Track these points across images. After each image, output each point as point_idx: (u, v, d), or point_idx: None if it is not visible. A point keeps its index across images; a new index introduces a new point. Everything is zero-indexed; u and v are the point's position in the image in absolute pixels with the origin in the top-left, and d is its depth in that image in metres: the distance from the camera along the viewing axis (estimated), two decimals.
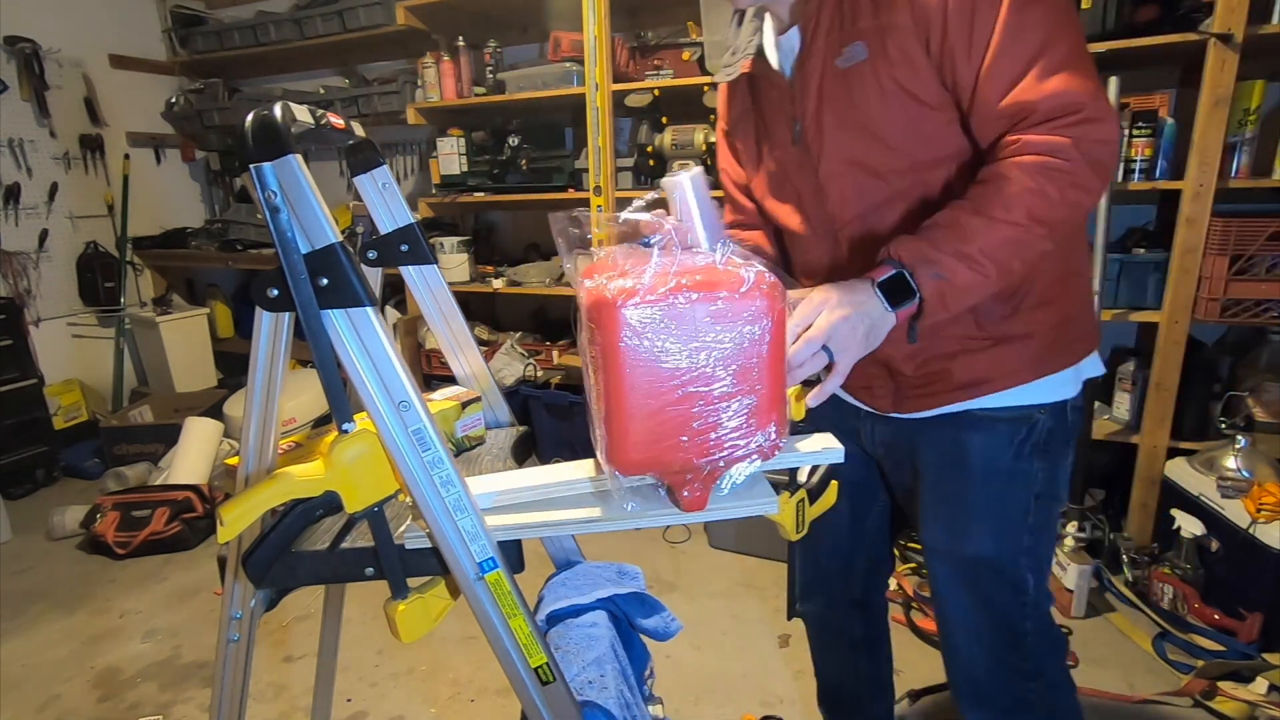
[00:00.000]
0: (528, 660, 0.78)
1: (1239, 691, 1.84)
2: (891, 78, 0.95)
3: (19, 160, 3.73)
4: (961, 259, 0.88)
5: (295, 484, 0.71)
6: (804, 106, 1.04)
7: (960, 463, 1.10)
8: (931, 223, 0.92)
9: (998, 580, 1.12)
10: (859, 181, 1.03)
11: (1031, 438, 1.06)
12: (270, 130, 0.67)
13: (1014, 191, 0.88)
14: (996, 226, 0.88)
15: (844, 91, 0.99)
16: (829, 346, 0.87)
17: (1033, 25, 0.88)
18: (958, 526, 1.12)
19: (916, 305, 0.90)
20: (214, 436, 3.36)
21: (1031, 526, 1.10)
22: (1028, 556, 1.12)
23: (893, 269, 0.90)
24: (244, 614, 0.83)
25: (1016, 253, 0.90)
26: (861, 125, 0.99)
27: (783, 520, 0.88)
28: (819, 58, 1.00)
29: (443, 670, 2.16)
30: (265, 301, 0.71)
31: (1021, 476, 1.08)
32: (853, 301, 0.89)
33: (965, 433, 1.08)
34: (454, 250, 3.34)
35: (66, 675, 2.22)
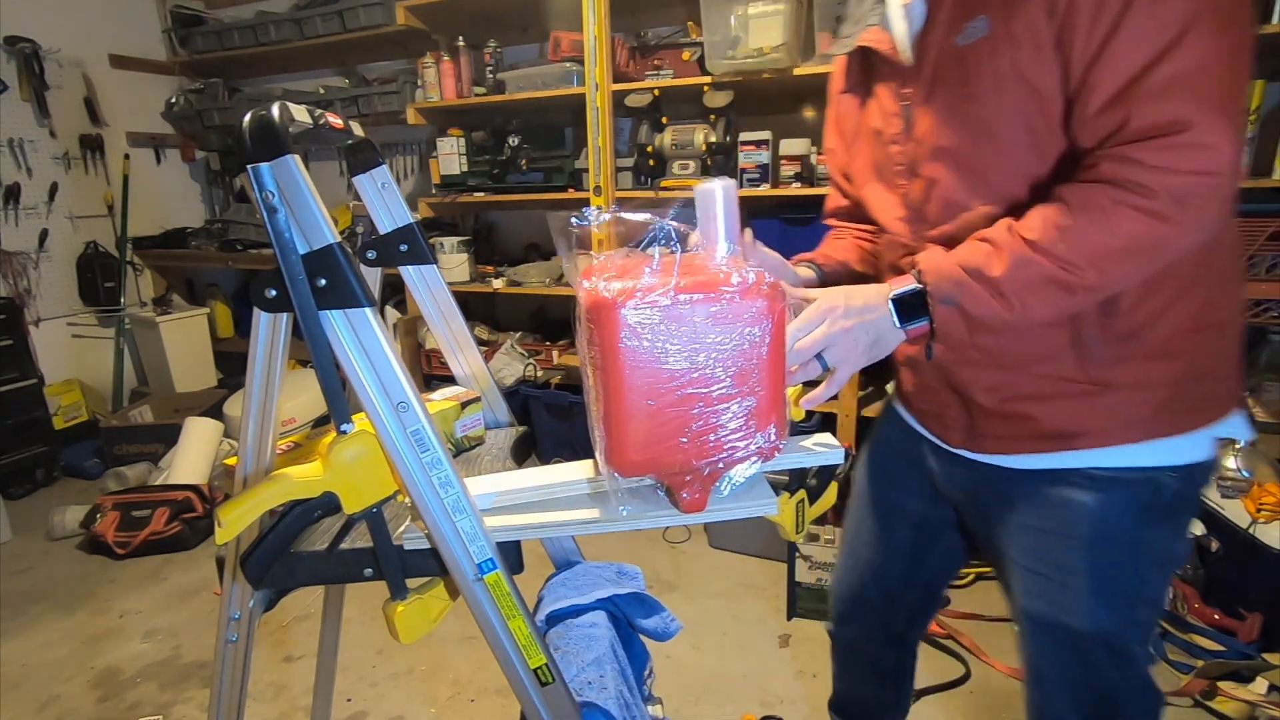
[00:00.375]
0: (527, 661, 0.78)
1: (1239, 691, 1.84)
2: (1011, 60, 0.83)
3: (19, 160, 3.72)
4: (987, 288, 0.81)
5: (294, 485, 0.71)
6: (917, 89, 0.94)
7: (1070, 529, 0.95)
8: (975, 237, 0.85)
9: (1107, 654, 0.98)
10: (959, 181, 0.92)
11: (1158, 502, 0.92)
12: (268, 130, 0.66)
13: (1070, 223, 0.78)
14: (1036, 261, 0.79)
15: (959, 73, 0.88)
16: (824, 356, 0.85)
17: (1168, 13, 0.73)
18: (1064, 599, 0.98)
19: (928, 326, 0.86)
20: (214, 436, 3.36)
21: (1149, 598, 0.99)
22: (1141, 628, 1.00)
23: (914, 283, 0.86)
24: (242, 614, 0.83)
25: (1054, 296, 0.80)
26: (970, 115, 0.89)
27: (782, 521, 0.88)
28: (940, 33, 0.90)
29: (443, 670, 2.15)
30: (263, 302, 0.71)
31: (1142, 546, 0.95)
32: (860, 312, 0.85)
33: (1076, 493, 0.94)
34: (454, 250, 3.34)
35: (66, 675, 2.22)
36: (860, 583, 1.30)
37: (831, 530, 2.25)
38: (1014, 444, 0.98)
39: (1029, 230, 0.80)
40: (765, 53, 2.52)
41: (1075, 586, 0.96)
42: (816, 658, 2.12)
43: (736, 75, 2.63)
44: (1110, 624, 0.97)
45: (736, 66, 2.61)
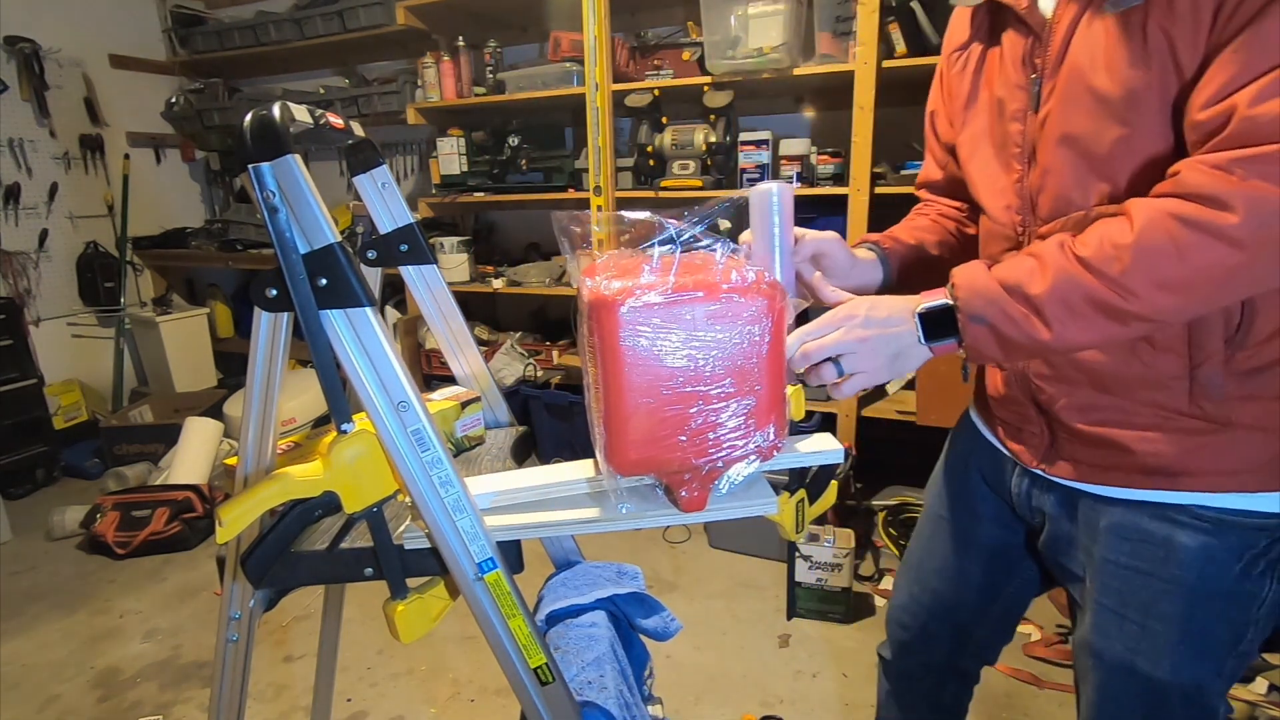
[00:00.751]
0: (527, 661, 0.78)
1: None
2: (1165, 34, 0.71)
3: (19, 160, 3.73)
4: (1025, 306, 0.74)
5: (294, 484, 0.71)
6: (1050, 59, 0.83)
7: (1165, 569, 0.85)
8: (1024, 251, 0.78)
9: (1184, 706, 0.89)
10: (1077, 174, 0.82)
11: (1270, 553, 0.82)
12: (269, 130, 0.66)
13: (1131, 241, 0.69)
14: (1084, 282, 0.71)
15: (1099, 42, 0.77)
16: (840, 363, 0.80)
17: None
18: (1147, 645, 0.88)
19: (957, 344, 0.79)
20: (214, 436, 3.36)
21: (1241, 652, 0.88)
22: (1227, 681, 0.90)
23: (945, 297, 0.79)
24: (243, 614, 0.83)
25: (1101, 323, 0.72)
26: (1105, 94, 0.77)
27: (782, 520, 0.87)
28: (1079, 3, 0.79)
29: (443, 670, 2.16)
30: (264, 302, 0.71)
31: (1245, 598, 0.84)
32: (881, 324, 0.80)
33: (1177, 532, 0.84)
34: (454, 250, 3.34)
35: (66, 675, 2.22)
36: (929, 614, 1.19)
37: (831, 530, 2.25)
38: (1098, 473, 0.89)
39: (1083, 246, 0.72)
40: (765, 53, 2.52)
41: (1163, 634, 0.87)
42: (816, 658, 2.12)
43: (736, 75, 2.63)
44: (1195, 676, 0.88)
45: (736, 66, 2.61)
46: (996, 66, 0.92)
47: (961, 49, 0.99)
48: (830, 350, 0.80)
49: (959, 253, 1.07)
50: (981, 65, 0.95)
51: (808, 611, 2.30)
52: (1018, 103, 0.88)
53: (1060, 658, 2.05)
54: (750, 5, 2.52)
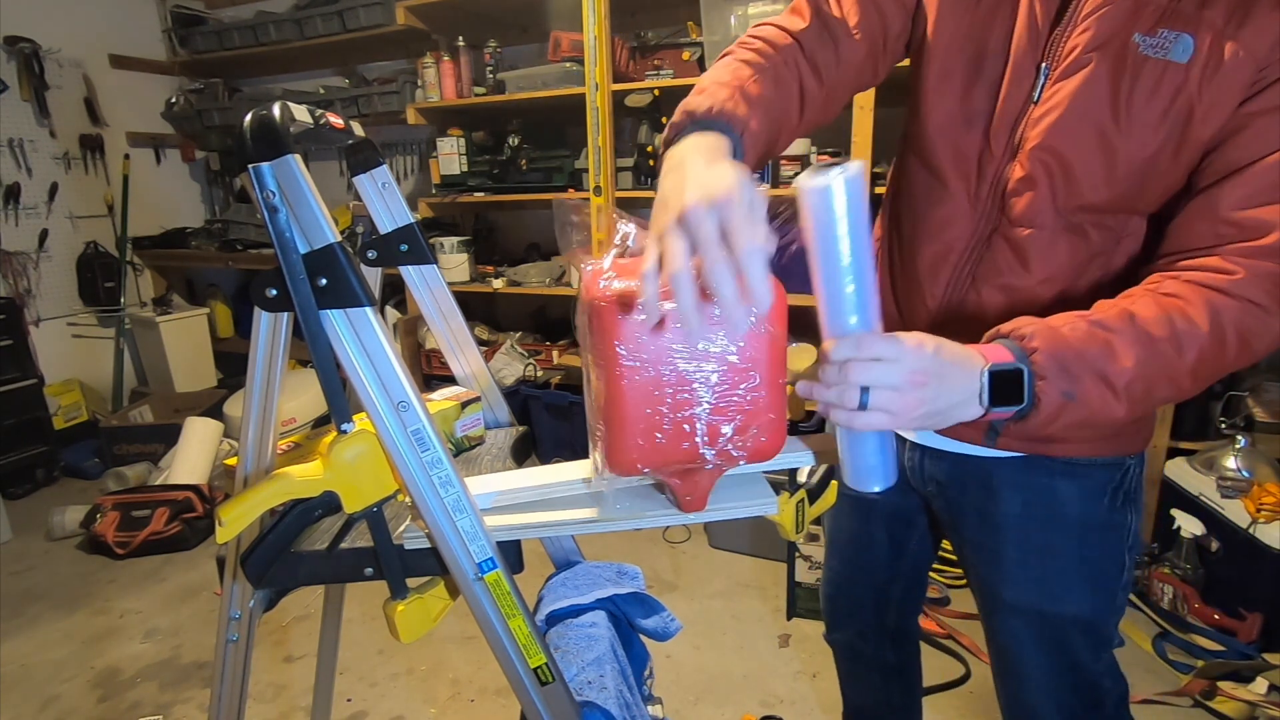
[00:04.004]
0: (527, 660, 0.78)
1: (1239, 691, 1.84)
2: (1190, 102, 0.73)
3: (19, 160, 3.72)
4: (1103, 385, 0.71)
5: (294, 484, 0.71)
6: (1060, 61, 0.80)
7: (1053, 513, 0.96)
8: (1081, 322, 0.73)
9: (1089, 641, 1.01)
10: (1054, 186, 0.83)
11: (1124, 486, 0.96)
12: (269, 130, 0.66)
13: (1198, 337, 0.70)
14: (1155, 366, 0.70)
15: (1116, 74, 0.76)
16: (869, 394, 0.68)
17: None
18: (1052, 584, 0.98)
19: (1014, 411, 0.72)
20: (214, 436, 3.36)
21: (1125, 582, 1.01)
22: (1118, 613, 1.02)
23: (1013, 360, 0.71)
24: (243, 614, 0.83)
25: (1162, 397, 0.74)
26: (1105, 134, 0.78)
27: (782, 520, 0.88)
28: (1119, 15, 0.76)
29: (442, 670, 2.16)
30: (264, 301, 0.71)
31: (1118, 529, 0.97)
32: (944, 370, 0.69)
33: (1057, 480, 0.95)
34: (454, 250, 3.34)
35: (66, 675, 2.22)
36: (850, 582, 1.30)
37: None
38: (998, 441, 0.96)
39: (1151, 329, 0.71)
40: None
41: (1062, 572, 0.98)
42: (816, 658, 2.12)
43: None
44: (1096, 608, 0.99)
45: None
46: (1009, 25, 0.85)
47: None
48: (874, 380, 0.68)
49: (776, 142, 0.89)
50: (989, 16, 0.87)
51: (808, 611, 2.30)
52: (1019, 82, 0.84)
53: None
54: (750, 5, 2.52)
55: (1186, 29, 0.73)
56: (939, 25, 0.90)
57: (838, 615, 1.36)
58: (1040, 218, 0.85)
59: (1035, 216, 0.85)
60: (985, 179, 0.88)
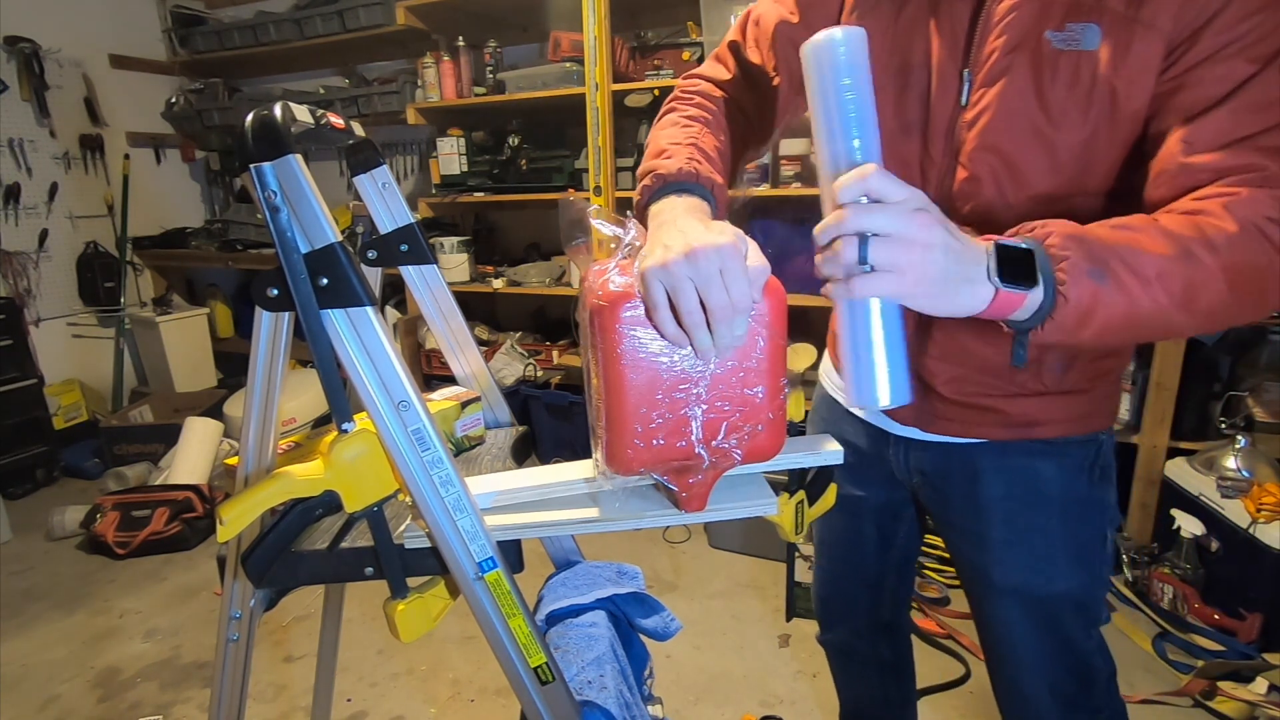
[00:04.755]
0: (527, 660, 0.78)
1: (1239, 691, 1.84)
2: (1110, 84, 0.76)
3: (19, 160, 3.72)
4: (1131, 274, 0.66)
5: (295, 483, 0.71)
6: (981, 65, 0.83)
7: (1037, 493, 0.99)
8: (1099, 222, 0.70)
9: (1079, 618, 1.03)
10: (1001, 184, 0.85)
11: (1099, 461, 0.99)
12: (270, 130, 0.66)
13: (1226, 231, 0.67)
14: (1186, 259, 0.67)
15: (1036, 71, 0.79)
16: (869, 247, 0.61)
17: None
18: (1040, 563, 1.01)
19: (1038, 306, 0.66)
20: (214, 436, 3.36)
21: (1106, 556, 1.03)
22: (1104, 587, 1.06)
23: (1026, 245, 0.66)
24: (243, 614, 0.83)
25: (1205, 299, 0.68)
26: (1038, 129, 0.81)
27: (782, 521, 0.88)
28: (1029, 13, 0.79)
29: (443, 670, 2.16)
30: (265, 301, 0.71)
31: (1097, 504, 1.00)
32: (952, 235, 0.64)
33: (1037, 460, 0.98)
34: (454, 250, 3.35)
35: (66, 675, 2.22)
36: (843, 579, 1.31)
37: None
38: (971, 429, 0.99)
39: (1174, 230, 0.68)
40: None
41: (1048, 550, 1.00)
42: (816, 658, 2.12)
43: None
44: (1084, 583, 1.02)
45: None
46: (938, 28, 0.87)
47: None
48: (874, 225, 0.61)
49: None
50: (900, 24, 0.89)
51: (807, 612, 2.30)
52: (946, 86, 0.86)
53: None
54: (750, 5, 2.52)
55: (1091, 19, 0.76)
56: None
57: (832, 615, 1.37)
58: (990, 213, 0.87)
59: (986, 212, 0.87)
60: (930, 184, 0.90)
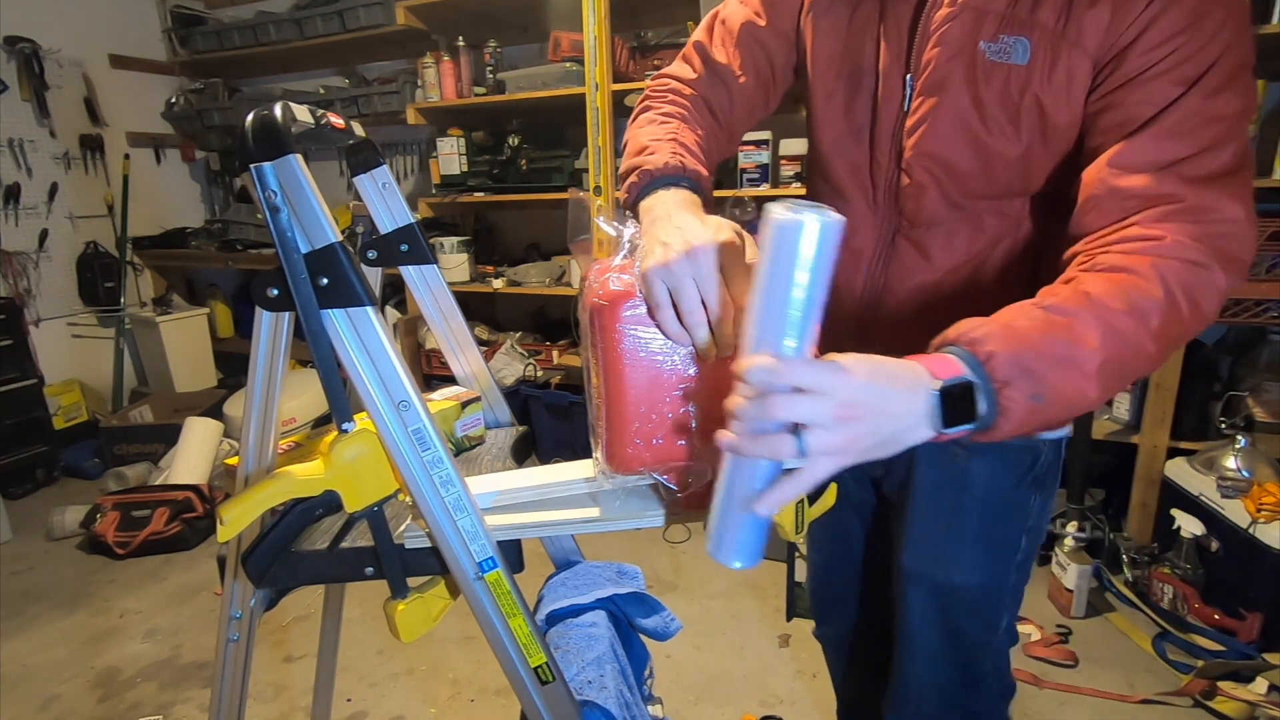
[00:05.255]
0: (527, 660, 0.78)
1: (1239, 691, 1.84)
2: (1037, 99, 0.78)
3: (19, 160, 3.72)
4: (1072, 373, 0.64)
5: (295, 483, 0.71)
6: (922, 73, 0.85)
7: (961, 487, 1.01)
8: (1032, 312, 0.67)
9: (973, 613, 1.05)
10: (944, 188, 0.88)
11: (1034, 470, 1.00)
12: (270, 130, 0.67)
13: (1155, 302, 0.66)
14: (1121, 338, 0.65)
15: (971, 80, 0.81)
16: (803, 437, 0.57)
17: (1218, 111, 0.70)
18: (946, 552, 1.03)
19: (976, 424, 0.63)
20: (214, 436, 3.36)
21: (1018, 563, 1.04)
22: (1010, 594, 1.06)
23: (964, 373, 0.62)
24: (243, 614, 0.83)
25: (1134, 373, 0.69)
26: (976, 137, 0.83)
27: (782, 520, 0.88)
28: (966, 23, 0.80)
29: (442, 670, 2.16)
30: (265, 301, 0.71)
31: (1019, 508, 1.02)
32: (882, 395, 0.60)
33: (972, 457, 0.99)
34: (454, 250, 3.34)
35: (66, 675, 2.22)
36: (831, 573, 1.32)
37: None
38: None
39: (1107, 304, 0.66)
40: None
41: (959, 541, 1.02)
42: (816, 658, 2.11)
43: None
44: (982, 581, 1.03)
45: None
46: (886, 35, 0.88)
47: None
48: (802, 416, 0.57)
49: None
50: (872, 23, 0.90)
51: (807, 611, 2.30)
52: (891, 90, 0.88)
53: (1060, 658, 2.05)
54: None
55: (1022, 33, 0.77)
56: (817, 49, 0.96)
57: (825, 608, 1.38)
58: (936, 214, 0.90)
59: (931, 214, 0.90)
60: (879, 187, 0.94)
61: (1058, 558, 2.30)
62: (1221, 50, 0.71)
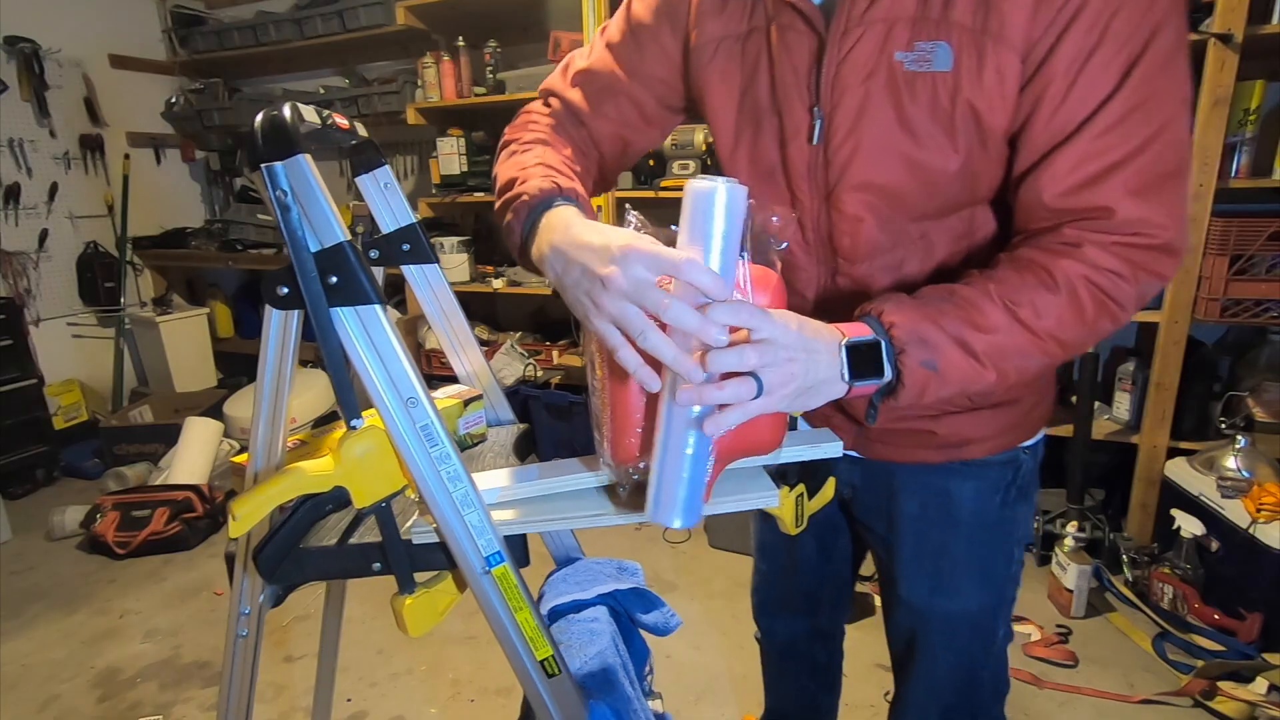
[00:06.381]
0: (534, 653, 0.79)
1: (1239, 691, 1.84)
2: (970, 104, 0.73)
3: (19, 160, 3.73)
4: (964, 351, 0.71)
5: (307, 479, 0.71)
6: (836, 98, 0.79)
7: (948, 514, 1.00)
8: (940, 293, 0.74)
9: (974, 635, 1.05)
10: (882, 216, 0.83)
11: (1017, 481, 0.99)
12: (281, 130, 0.67)
13: (1053, 300, 0.71)
14: (1016, 330, 0.72)
15: (895, 97, 0.76)
16: (762, 378, 0.65)
17: (1157, 102, 0.69)
18: (944, 582, 1.02)
19: (880, 387, 0.72)
20: (214, 436, 3.36)
21: (1012, 576, 1.05)
22: (1006, 607, 1.06)
23: (872, 334, 0.71)
24: (252, 610, 0.83)
25: (1021, 364, 0.74)
26: (909, 155, 0.78)
27: (782, 514, 0.88)
28: (875, 37, 0.76)
29: (443, 670, 2.16)
30: (275, 299, 0.72)
31: (1008, 525, 1.01)
32: (808, 346, 0.67)
33: (953, 481, 0.98)
34: (454, 250, 3.35)
35: (66, 675, 2.22)
36: (781, 585, 1.32)
37: None
38: (907, 452, 0.98)
39: (1007, 297, 0.72)
40: None
41: (952, 570, 1.02)
42: None
43: None
44: (982, 604, 1.03)
45: None
46: (773, 73, 0.85)
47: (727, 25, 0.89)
48: (763, 361, 0.64)
49: None
50: (761, 63, 0.87)
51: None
52: (796, 127, 0.84)
53: (1060, 658, 2.06)
54: None
55: (940, 36, 0.73)
56: (712, 98, 0.92)
57: (771, 617, 1.38)
58: (877, 246, 0.85)
59: (871, 247, 0.85)
60: (807, 227, 0.89)
61: (1058, 558, 2.31)
62: (1153, 31, 0.68)
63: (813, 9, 0.79)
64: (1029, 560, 2.53)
